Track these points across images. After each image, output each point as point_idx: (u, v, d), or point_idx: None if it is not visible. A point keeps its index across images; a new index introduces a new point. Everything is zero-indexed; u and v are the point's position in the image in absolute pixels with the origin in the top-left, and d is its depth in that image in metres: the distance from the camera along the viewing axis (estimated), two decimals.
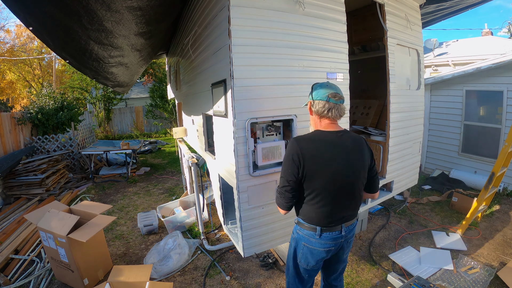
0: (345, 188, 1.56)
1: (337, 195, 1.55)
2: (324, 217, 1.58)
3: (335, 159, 1.52)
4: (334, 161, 1.52)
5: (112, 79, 4.21)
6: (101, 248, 2.99)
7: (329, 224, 1.59)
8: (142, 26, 2.81)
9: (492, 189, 3.51)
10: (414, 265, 2.93)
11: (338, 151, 1.54)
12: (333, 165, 1.51)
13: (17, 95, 17.62)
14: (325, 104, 1.56)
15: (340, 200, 1.57)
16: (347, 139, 1.57)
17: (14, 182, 5.26)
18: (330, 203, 1.56)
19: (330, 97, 1.55)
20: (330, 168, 1.51)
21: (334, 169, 1.52)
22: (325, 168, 1.51)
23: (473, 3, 4.46)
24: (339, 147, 1.54)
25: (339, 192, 1.55)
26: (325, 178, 1.52)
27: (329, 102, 1.55)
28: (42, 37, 2.20)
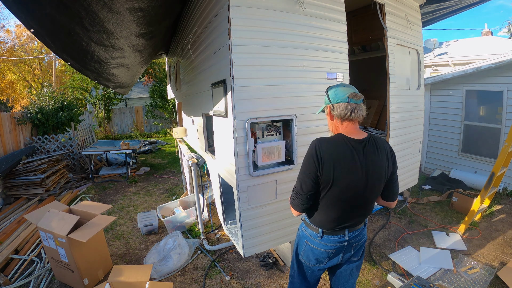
0: (358, 200, 1.52)
1: (348, 205, 1.52)
2: (328, 222, 1.57)
3: (354, 171, 1.45)
4: (353, 173, 1.45)
5: (114, 80, 4.22)
6: (101, 248, 2.99)
7: (333, 228, 1.58)
8: (143, 27, 2.81)
9: (492, 189, 3.51)
10: (414, 265, 2.93)
11: (359, 163, 1.46)
12: (352, 177, 1.45)
13: (17, 95, 17.63)
14: (347, 106, 1.49)
15: (350, 210, 1.54)
16: (372, 150, 1.49)
17: (14, 182, 5.26)
18: (338, 211, 1.53)
19: (351, 98, 1.49)
20: (347, 179, 1.45)
21: (352, 182, 1.46)
22: (342, 178, 1.45)
23: (473, 3, 4.46)
24: (361, 159, 1.46)
25: (351, 202, 1.52)
26: (340, 188, 1.47)
27: (351, 103, 1.48)
28: (44, 39, 2.20)
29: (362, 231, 1.67)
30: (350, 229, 1.59)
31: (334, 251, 1.63)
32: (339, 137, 1.51)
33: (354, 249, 1.67)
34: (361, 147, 1.48)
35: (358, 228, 1.63)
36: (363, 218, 1.63)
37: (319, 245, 1.62)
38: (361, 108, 1.51)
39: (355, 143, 1.48)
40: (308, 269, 1.73)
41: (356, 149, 1.47)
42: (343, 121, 1.53)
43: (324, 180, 1.46)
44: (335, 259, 1.67)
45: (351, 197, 1.49)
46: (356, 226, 1.61)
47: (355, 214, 1.57)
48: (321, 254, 1.64)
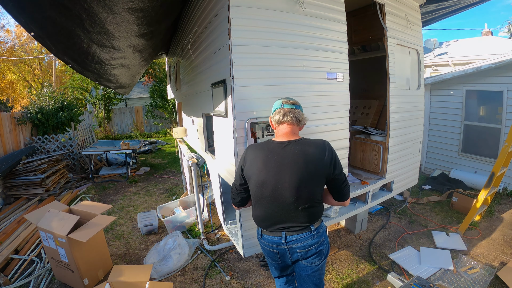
0: (276, 199, 1.56)
1: (268, 204, 1.60)
2: (259, 221, 1.68)
3: (265, 169, 1.55)
4: (264, 172, 1.55)
5: (114, 81, 4.22)
6: (101, 248, 2.99)
7: (267, 228, 1.66)
8: (143, 27, 2.81)
9: (492, 189, 3.51)
10: (414, 265, 2.93)
11: (271, 162, 1.55)
12: (262, 175, 1.56)
13: (17, 95, 17.62)
14: (280, 111, 1.61)
15: (272, 209, 1.60)
16: (291, 148, 1.55)
17: (14, 182, 5.26)
18: (262, 209, 1.63)
19: (284, 103, 1.62)
20: (259, 178, 1.57)
21: (263, 180, 1.56)
22: (256, 176, 1.58)
23: (473, 3, 4.46)
24: (274, 158, 1.55)
25: (269, 201, 1.59)
26: (255, 186, 1.60)
27: (284, 107, 1.61)
28: (44, 42, 2.17)
29: (308, 238, 1.61)
30: (288, 232, 1.61)
31: (277, 252, 1.68)
32: (265, 142, 1.66)
33: (301, 255, 1.65)
34: (280, 148, 1.57)
35: (298, 234, 1.60)
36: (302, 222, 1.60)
37: (262, 243, 1.74)
38: (295, 112, 1.61)
39: (275, 144, 1.60)
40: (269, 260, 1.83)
41: (274, 148, 1.58)
42: (279, 126, 1.64)
43: (246, 176, 1.63)
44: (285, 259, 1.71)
45: (269, 197, 1.57)
46: (294, 230, 1.60)
47: (282, 216, 1.59)
48: (268, 252, 1.74)
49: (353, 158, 3.58)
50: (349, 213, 2.98)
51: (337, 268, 2.97)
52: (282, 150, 1.56)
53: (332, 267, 2.98)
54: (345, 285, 2.73)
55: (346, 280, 2.79)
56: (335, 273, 2.89)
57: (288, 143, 1.58)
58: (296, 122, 1.62)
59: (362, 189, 2.95)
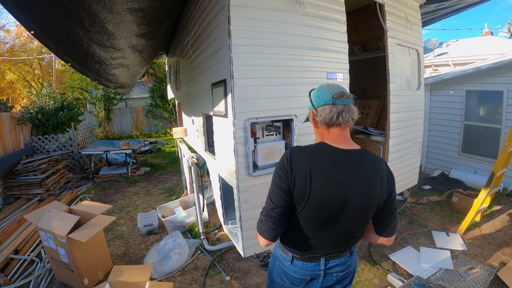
0: (337, 225, 1.21)
1: (326, 231, 1.23)
2: (299, 247, 1.30)
3: (332, 186, 1.15)
4: (331, 188, 1.14)
5: (114, 81, 4.22)
6: (101, 248, 2.99)
7: (304, 255, 1.31)
8: (143, 27, 2.81)
9: (492, 189, 3.51)
10: (414, 265, 2.93)
11: (339, 177, 1.15)
12: (329, 192, 1.14)
13: (17, 95, 17.63)
14: (332, 108, 1.19)
15: (326, 235, 1.24)
16: (361, 165, 1.18)
17: (14, 182, 5.26)
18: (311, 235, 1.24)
19: (336, 98, 1.19)
20: (323, 196, 1.14)
21: (329, 199, 1.15)
22: (316, 194, 1.14)
23: (473, 3, 4.46)
24: (342, 172, 1.16)
25: (329, 228, 1.22)
26: (313, 208, 1.17)
27: (337, 104, 1.19)
28: (44, 41, 2.19)
29: (347, 261, 1.36)
30: (328, 257, 1.31)
31: (309, 279, 1.35)
32: (319, 146, 1.23)
33: (337, 279, 1.36)
34: (345, 158, 1.18)
35: (339, 257, 1.33)
36: (345, 247, 1.33)
37: (290, 269, 1.36)
38: (351, 109, 1.20)
39: (337, 153, 1.19)
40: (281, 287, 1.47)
41: (336, 160, 1.18)
42: (330, 128, 1.22)
43: (298, 196, 1.17)
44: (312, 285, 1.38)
45: (328, 219, 1.19)
46: (337, 255, 1.32)
47: (334, 242, 1.27)
48: (294, 279, 1.38)
49: None
50: None
51: None
52: (350, 162, 1.18)
53: None
54: None
55: None
56: None
57: (353, 153, 1.20)
58: (352, 122, 1.23)
59: None
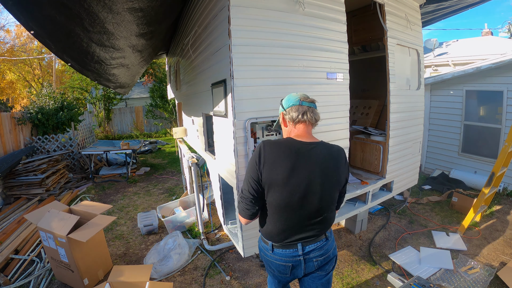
0: (307, 207, 1.38)
1: (296, 214, 1.39)
2: (276, 234, 1.45)
3: (298, 171, 1.33)
4: (297, 174, 1.33)
5: (114, 81, 4.22)
6: (101, 248, 2.99)
7: (282, 241, 1.45)
8: (143, 27, 2.81)
9: (492, 189, 3.51)
10: (414, 265, 2.93)
11: (304, 163, 1.35)
12: (295, 178, 1.33)
13: (17, 95, 17.63)
14: (299, 108, 1.44)
15: (300, 219, 1.40)
16: (319, 151, 1.39)
17: (14, 182, 5.26)
18: (285, 221, 1.40)
19: (302, 100, 1.45)
20: (290, 181, 1.33)
21: (296, 183, 1.33)
22: (284, 180, 1.33)
23: (473, 3, 4.46)
24: (305, 158, 1.36)
25: (294, 211, 1.38)
26: (282, 192, 1.34)
27: (302, 105, 1.44)
28: (44, 40, 2.19)
29: (324, 245, 1.49)
30: (304, 243, 1.45)
31: (291, 265, 1.49)
32: (285, 139, 1.45)
33: (317, 264, 1.50)
34: (307, 149, 1.38)
35: (315, 242, 1.47)
36: (319, 230, 1.47)
37: (272, 258, 1.51)
38: (314, 111, 1.45)
39: (301, 144, 1.39)
40: (275, 277, 1.63)
41: (300, 151, 1.37)
42: (296, 124, 1.46)
43: (265, 183, 1.37)
44: (296, 272, 1.52)
45: (299, 205, 1.37)
46: (312, 240, 1.46)
47: (306, 225, 1.42)
48: (278, 267, 1.52)
49: (353, 158, 3.58)
50: (349, 213, 2.98)
51: (337, 268, 2.97)
52: (310, 152, 1.38)
53: None
54: (345, 285, 2.73)
55: (346, 280, 2.79)
56: (335, 273, 2.89)
57: (314, 145, 1.41)
58: (314, 122, 1.47)
59: (362, 189, 2.95)
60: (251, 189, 1.40)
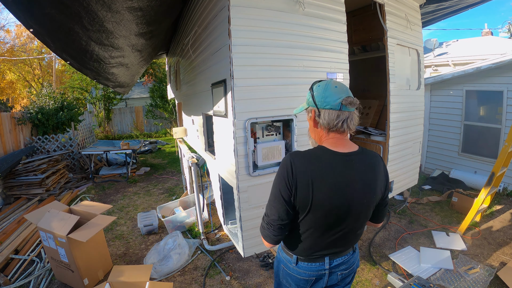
0: (340, 227, 1.23)
1: (329, 232, 1.24)
2: (304, 249, 1.30)
3: (336, 192, 1.16)
4: (334, 195, 1.16)
5: (113, 80, 4.22)
6: (101, 248, 2.99)
7: (309, 256, 1.32)
8: (143, 27, 2.81)
9: (492, 189, 3.51)
10: (414, 265, 2.93)
11: (342, 183, 1.16)
12: (333, 199, 1.16)
13: (17, 95, 17.63)
14: (340, 115, 1.16)
15: (330, 237, 1.25)
16: (358, 164, 1.20)
17: (14, 182, 5.26)
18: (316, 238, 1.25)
19: (344, 104, 1.15)
20: (327, 202, 1.16)
21: (333, 205, 1.16)
22: (319, 201, 1.15)
23: (473, 3, 4.46)
24: (343, 176, 1.17)
25: (332, 229, 1.23)
26: (315, 214, 1.18)
27: (344, 111, 1.16)
28: (43, 38, 2.20)
29: (350, 258, 1.38)
30: (332, 256, 1.32)
31: (314, 279, 1.37)
32: (317, 150, 1.22)
33: (341, 277, 1.39)
34: (345, 162, 1.18)
35: (343, 255, 1.35)
36: (348, 246, 1.35)
37: (294, 271, 1.37)
38: (354, 117, 1.20)
39: (338, 157, 1.18)
40: None
41: (340, 163, 1.18)
42: (330, 132, 1.21)
43: (300, 204, 1.17)
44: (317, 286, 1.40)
45: (333, 223, 1.21)
46: (340, 253, 1.34)
47: (337, 242, 1.28)
48: (299, 281, 1.39)
49: None
50: None
51: None
52: (348, 165, 1.18)
53: None
54: None
55: None
56: None
57: (352, 155, 1.20)
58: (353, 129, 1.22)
59: None
60: (282, 214, 1.19)
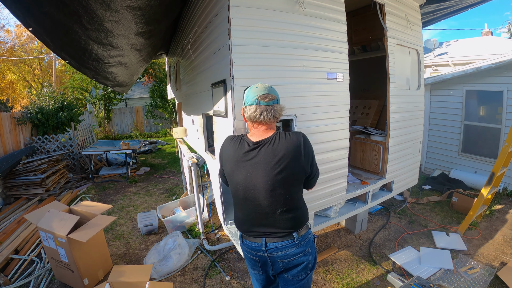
0: (250, 201, 1.46)
1: (244, 206, 1.49)
2: (239, 223, 1.56)
3: (237, 169, 1.46)
4: (236, 172, 1.47)
5: (112, 79, 4.22)
6: (101, 248, 2.99)
7: (247, 232, 1.53)
8: (142, 26, 2.81)
9: (492, 189, 3.51)
10: (414, 265, 2.93)
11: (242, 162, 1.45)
12: (236, 175, 1.47)
13: (17, 95, 17.62)
14: (256, 108, 1.46)
15: (249, 211, 1.48)
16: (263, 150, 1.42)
17: (14, 182, 5.26)
18: (240, 211, 1.53)
19: (260, 100, 1.46)
20: (233, 177, 1.49)
21: (237, 180, 1.47)
22: (230, 176, 1.51)
23: (473, 3, 4.46)
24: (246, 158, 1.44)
25: (244, 203, 1.49)
26: (231, 185, 1.52)
27: (260, 105, 1.46)
28: (42, 37, 2.20)
29: (289, 247, 1.47)
30: (268, 238, 1.47)
31: (258, 260, 1.53)
32: (239, 137, 1.55)
33: (284, 266, 1.50)
34: (251, 148, 1.45)
35: (279, 241, 1.46)
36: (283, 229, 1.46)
37: (243, 249, 1.58)
38: (273, 110, 1.46)
39: (247, 143, 1.48)
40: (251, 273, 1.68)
41: (243, 148, 1.47)
42: (253, 123, 1.51)
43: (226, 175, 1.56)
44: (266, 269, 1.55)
45: (244, 196, 1.47)
46: (275, 237, 1.47)
47: (262, 217, 1.46)
48: (249, 260, 1.59)
49: (353, 158, 3.58)
50: (349, 213, 2.98)
51: (337, 268, 2.97)
52: (254, 151, 1.44)
53: (332, 267, 2.98)
54: (345, 285, 2.73)
55: (346, 280, 2.79)
56: (335, 273, 2.89)
57: (262, 143, 1.45)
58: (273, 120, 1.49)
59: (362, 189, 2.95)
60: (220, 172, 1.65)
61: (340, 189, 2.71)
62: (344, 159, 2.65)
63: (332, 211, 2.77)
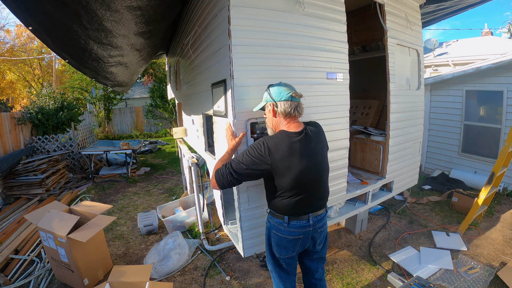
0: (312, 182, 1.69)
1: (306, 189, 1.68)
2: (291, 208, 1.70)
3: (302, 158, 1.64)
4: (302, 160, 1.64)
5: (112, 79, 4.22)
6: (101, 248, 2.99)
7: (296, 214, 1.71)
8: (142, 26, 2.81)
9: (492, 189, 3.51)
10: (414, 265, 2.93)
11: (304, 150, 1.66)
12: (302, 164, 1.64)
13: (17, 95, 17.63)
14: (291, 104, 1.66)
15: (308, 193, 1.70)
16: (310, 136, 1.70)
17: (14, 182, 5.26)
18: (298, 196, 1.68)
19: (293, 96, 1.67)
20: (298, 167, 1.63)
21: (302, 168, 1.64)
22: (294, 168, 1.63)
23: (473, 3, 4.46)
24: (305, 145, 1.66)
25: (307, 186, 1.68)
26: (294, 177, 1.64)
27: (294, 101, 1.67)
28: (42, 37, 2.20)
29: (324, 217, 1.82)
30: (313, 213, 1.74)
31: (301, 237, 1.74)
32: (282, 134, 1.68)
33: (319, 235, 1.81)
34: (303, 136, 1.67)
35: (320, 214, 1.78)
36: (322, 202, 1.79)
37: (285, 232, 1.73)
38: (301, 105, 1.73)
39: (295, 136, 1.66)
40: (282, 261, 1.83)
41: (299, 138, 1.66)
42: (286, 118, 1.70)
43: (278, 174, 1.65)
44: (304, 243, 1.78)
45: (307, 182, 1.67)
46: (318, 211, 1.77)
47: (314, 197, 1.73)
48: (289, 242, 1.74)
49: (353, 158, 3.58)
50: (349, 213, 2.98)
51: (337, 268, 2.97)
52: (306, 139, 1.68)
53: (332, 267, 2.98)
54: (345, 285, 2.73)
55: (346, 280, 2.79)
56: (335, 273, 2.89)
57: (304, 130, 1.69)
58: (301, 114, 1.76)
59: (362, 189, 2.94)
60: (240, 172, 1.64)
61: (340, 189, 2.71)
62: (344, 159, 2.65)
63: (332, 211, 2.76)
